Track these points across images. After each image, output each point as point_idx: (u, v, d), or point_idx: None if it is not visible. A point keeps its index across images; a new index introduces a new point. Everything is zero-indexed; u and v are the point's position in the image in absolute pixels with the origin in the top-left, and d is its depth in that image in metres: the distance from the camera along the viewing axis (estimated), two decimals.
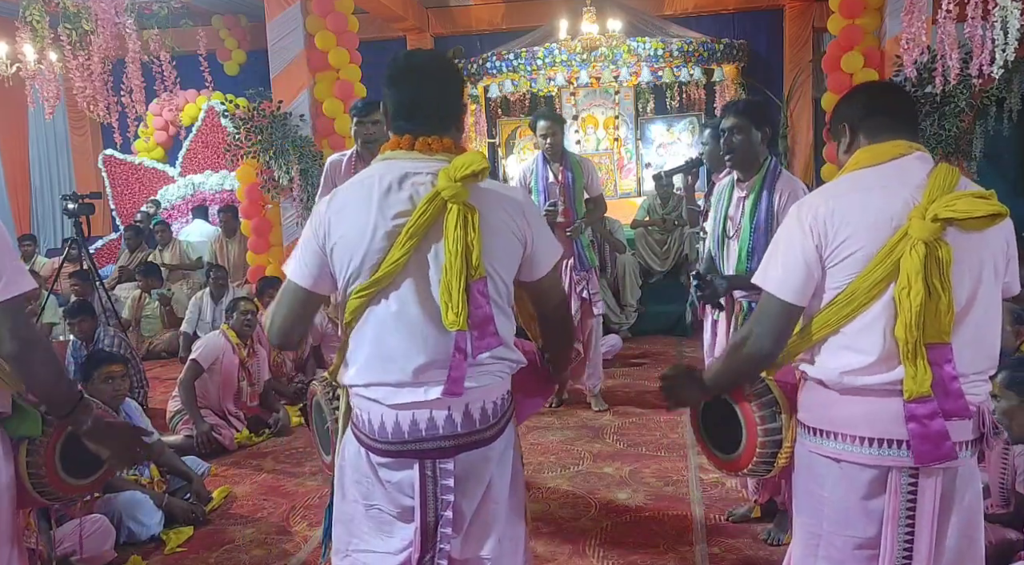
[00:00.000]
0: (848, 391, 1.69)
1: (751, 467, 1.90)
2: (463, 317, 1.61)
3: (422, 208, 1.62)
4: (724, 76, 8.99)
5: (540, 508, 3.57)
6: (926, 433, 1.61)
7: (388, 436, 1.71)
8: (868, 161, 1.75)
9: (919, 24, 5.98)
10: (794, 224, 1.74)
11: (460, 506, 1.75)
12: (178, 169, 10.14)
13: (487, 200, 1.69)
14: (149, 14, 7.84)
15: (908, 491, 1.66)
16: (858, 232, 1.66)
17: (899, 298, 1.60)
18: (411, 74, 1.75)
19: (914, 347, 1.59)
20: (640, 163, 9.77)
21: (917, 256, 1.58)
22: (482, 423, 1.74)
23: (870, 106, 1.80)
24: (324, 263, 1.72)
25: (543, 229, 1.81)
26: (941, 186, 1.64)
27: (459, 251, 1.60)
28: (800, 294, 1.73)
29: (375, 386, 1.71)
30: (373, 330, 1.70)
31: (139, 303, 7.30)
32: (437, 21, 9.91)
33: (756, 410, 1.85)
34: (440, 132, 1.74)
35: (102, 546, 3.20)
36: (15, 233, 10.32)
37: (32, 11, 6.58)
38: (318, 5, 7.31)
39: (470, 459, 1.74)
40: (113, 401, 3.67)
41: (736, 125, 2.96)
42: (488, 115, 9.88)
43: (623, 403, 5.09)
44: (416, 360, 1.67)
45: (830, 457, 1.73)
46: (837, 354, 1.71)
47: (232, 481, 4.13)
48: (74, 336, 5.25)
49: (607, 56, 8.21)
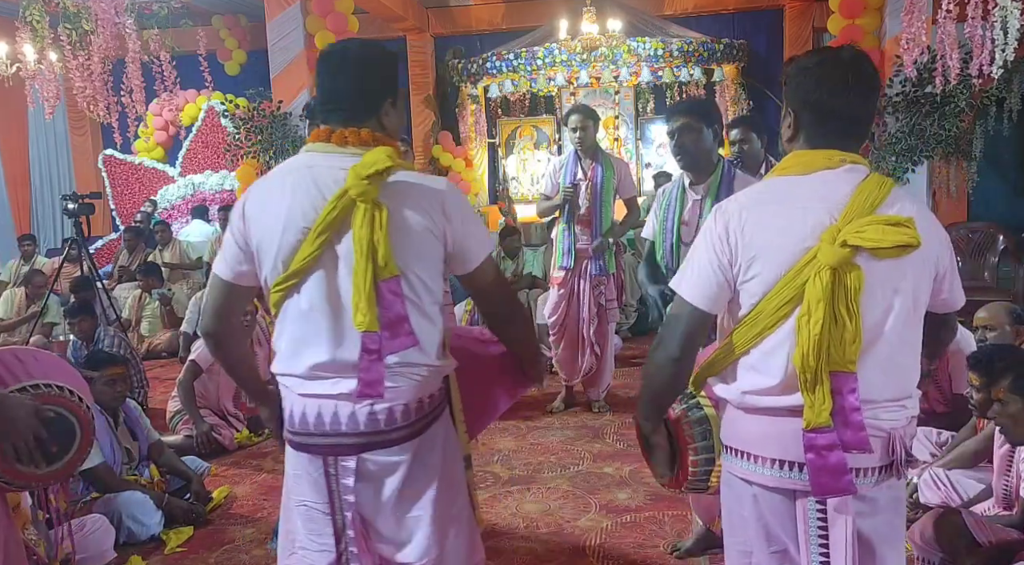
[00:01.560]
0: (751, 410, 1.63)
1: (687, 486, 1.87)
2: (371, 317, 1.59)
3: (331, 205, 1.61)
4: (724, 76, 9.00)
5: (540, 508, 3.57)
6: (824, 465, 1.52)
7: (296, 426, 1.72)
8: (795, 170, 1.63)
9: (919, 24, 5.98)
10: (711, 231, 1.64)
11: (363, 507, 1.72)
12: (178, 169, 10.15)
13: (402, 196, 1.65)
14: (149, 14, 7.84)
15: (818, 518, 1.58)
16: (767, 251, 1.56)
17: (799, 325, 1.52)
18: (331, 62, 1.73)
19: (813, 376, 1.51)
20: (640, 163, 9.77)
21: (820, 283, 1.49)
22: (388, 424, 1.68)
23: (819, 103, 1.61)
24: (242, 256, 1.73)
25: (467, 221, 1.73)
26: (862, 206, 1.53)
27: (365, 250, 1.59)
28: (712, 302, 1.64)
29: (288, 376, 1.73)
30: (288, 323, 1.71)
31: (139, 303, 7.30)
32: (437, 21, 9.91)
33: (687, 428, 1.82)
34: (357, 123, 1.70)
35: (102, 546, 3.19)
36: (15, 233, 10.33)
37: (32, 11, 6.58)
38: (318, 5, 7.31)
39: (374, 460, 1.70)
40: (113, 403, 3.67)
41: (686, 125, 2.88)
42: (488, 115, 9.88)
43: (623, 403, 5.09)
44: (323, 356, 1.66)
45: (743, 478, 1.67)
46: (743, 374, 1.64)
47: (232, 481, 4.13)
48: (74, 336, 5.25)
49: (607, 56, 8.22)
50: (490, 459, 4.19)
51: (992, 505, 2.88)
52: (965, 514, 2.66)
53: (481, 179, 9.83)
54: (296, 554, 1.80)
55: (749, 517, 1.68)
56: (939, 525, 2.64)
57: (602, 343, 4.77)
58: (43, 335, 6.76)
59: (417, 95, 9.99)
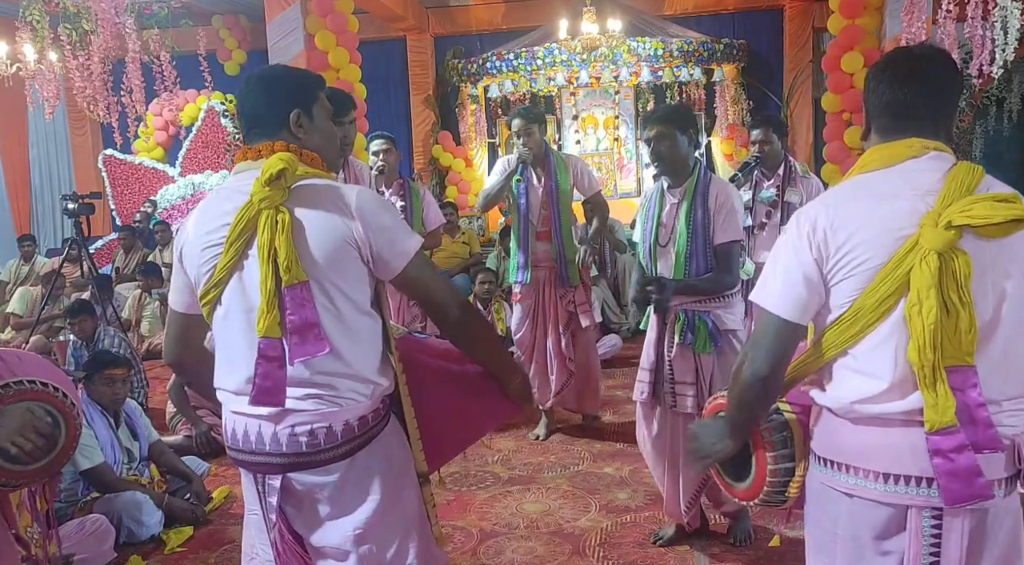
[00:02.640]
0: (860, 420, 1.51)
1: (763, 497, 1.74)
2: (270, 322, 1.58)
3: (240, 214, 1.62)
4: (724, 76, 9.00)
5: (540, 508, 3.57)
6: (954, 469, 1.41)
7: (228, 441, 1.74)
8: (876, 164, 1.57)
9: (919, 24, 5.98)
10: (793, 235, 1.57)
11: (297, 525, 1.72)
12: (178, 169, 10.14)
13: (310, 200, 1.64)
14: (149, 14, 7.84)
15: (931, 534, 1.47)
16: (862, 244, 1.48)
17: (910, 316, 1.43)
18: (243, 86, 1.78)
19: (931, 371, 1.41)
20: (640, 163, 9.77)
21: (928, 268, 1.40)
22: (310, 447, 1.64)
23: (887, 100, 1.58)
24: (187, 282, 1.76)
25: (382, 220, 1.68)
26: (958, 189, 1.46)
27: (266, 256, 1.58)
28: (801, 312, 1.55)
29: (221, 391, 1.74)
30: (217, 337, 1.72)
31: (139, 303, 7.30)
32: (437, 21, 9.91)
33: (766, 435, 1.69)
34: (269, 137, 1.72)
35: (102, 546, 3.20)
36: (15, 233, 10.33)
37: (32, 11, 6.59)
38: (318, 5, 7.31)
39: (301, 480, 1.68)
40: (113, 404, 3.67)
41: (660, 133, 2.92)
42: (488, 115, 9.88)
43: (623, 403, 5.09)
44: (242, 369, 1.66)
45: (841, 491, 1.55)
46: (846, 378, 1.53)
47: (232, 481, 4.13)
48: (74, 336, 5.25)
49: (607, 56, 8.22)
50: (490, 459, 4.19)
51: None
52: None
53: (481, 179, 9.82)
54: (253, 561, 1.83)
55: (842, 534, 1.57)
56: None
57: (579, 352, 4.37)
58: (44, 336, 6.77)
59: (417, 95, 9.99)
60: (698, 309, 2.91)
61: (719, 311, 2.92)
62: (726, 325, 2.93)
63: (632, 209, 8.13)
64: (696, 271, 2.91)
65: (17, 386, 1.92)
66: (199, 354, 1.88)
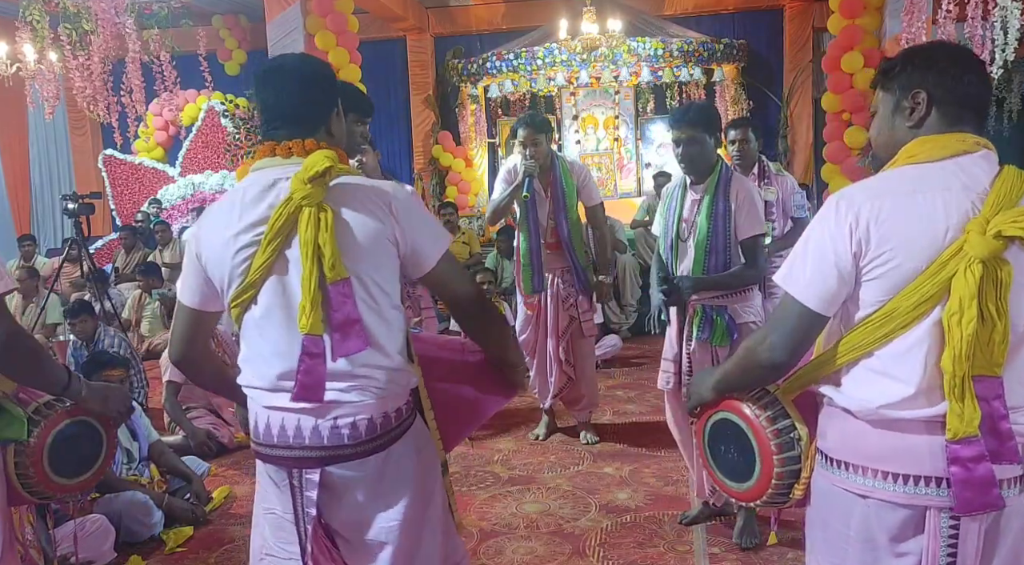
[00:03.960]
0: (881, 423, 1.49)
1: (766, 498, 1.71)
2: (315, 320, 1.58)
3: (277, 212, 1.61)
4: (724, 76, 9.00)
5: (540, 508, 3.57)
6: (970, 478, 1.40)
7: (260, 438, 1.72)
8: (928, 155, 1.49)
9: (919, 24, 5.98)
10: (831, 221, 1.48)
11: (331, 519, 1.71)
12: (178, 169, 10.15)
13: (350, 199, 1.65)
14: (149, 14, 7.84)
15: (949, 535, 1.46)
16: (906, 242, 1.42)
17: (948, 325, 1.39)
18: (271, 79, 1.73)
19: (962, 381, 1.39)
20: (640, 163, 9.77)
21: (973, 277, 1.36)
22: (351, 439, 1.65)
23: (956, 89, 1.51)
24: (205, 279, 1.74)
25: (418, 220, 1.71)
26: (1008, 195, 1.41)
27: (311, 254, 1.58)
28: (828, 303, 1.50)
29: (252, 388, 1.73)
30: (249, 335, 1.71)
31: (139, 303, 7.30)
32: (437, 21, 9.91)
33: (772, 437, 1.65)
34: (303, 135, 1.70)
35: (102, 546, 3.20)
36: (15, 233, 10.33)
37: (32, 11, 6.59)
38: (318, 5, 7.31)
39: (339, 474, 1.68)
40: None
41: (692, 137, 2.97)
42: (488, 115, 9.89)
43: (623, 403, 5.09)
44: (279, 365, 1.66)
45: (856, 493, 1.53)
46: (870, 381, 1.49)
47: (232, 481, 4.13)
48: (74, 336, 5.25)
49: (607, 56, 8.22)
50: (490, 459, 4.19)
51: None
52: None
53: (481, 179, 9.83)
54: (264, 561, 1.80)
55: (855, 536, 1.55)
56: None
57: (577, 360, 4.33)
58: (44, 336, 6.77)
59: (417, 95, 9.99)
60: (715, 304, 3.00)
61: (736, 306, 3.01)
62: (743, 318, 3.00)
63: (632, 209, 8.14)
64: (714, 266, 3.00)
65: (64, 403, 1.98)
66: (205, 351, 1.88)
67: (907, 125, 1.55)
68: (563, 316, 4.27)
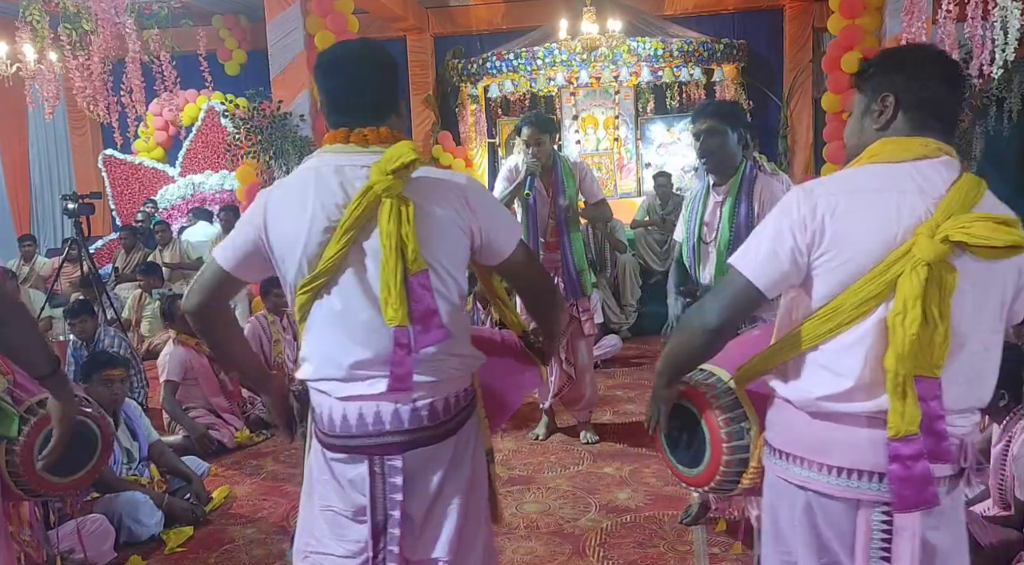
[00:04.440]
0: (821, 415, 1.53)
1: (713, 485, 1.78)
2: (402, 312, 1.59)
3: (356, 202, 1.61)
4: (724, 76, 9.00)
5: (540, 508, 3.57)
6: (909, 476, 1.44)
7: (337, 430, 1.71)
8: (889, 156, 1.53)
9: (919, 24, 5.98)
10: (792, 210, 1.53)
11: (409, 505, 1.72)
12: (178, 169, 10.15)
13: (427, 190, 1.65)
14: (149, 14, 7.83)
15: (882, 530, 1.50)
16: (857, 240, 1.47)
17: (892, 324, 1.43)
18: (341, 65, 1.72)
19: (904, 380, 1.42)
20: (640, 163, 9.77)
21: (918, 279, 1.40)
22: (431, 420, 1.69)
23: (928, 95, 1.54)
24: (253, 252, 1.72)
25: (493, 211, 1.75)
26: (961, 201, 1.45)
27: (393, 245, 1.58)
28: (772, 283, 1.55)
29: (324, 380, 1.71)
30: (318, 325, 1.70)
31: (139, 303, 7.30)
32: (437, 21, 9.91)
33: (723, 425, 1.72)
34: (375, 122, 1.70)
35: (102, 546, 3.20)
36: (15, 233, 10.33)
37: (32, 11, 6.58)
38: (318, 5, 7.31)
39: (419, 456, 1.70)
40: (111, 404, 3.67)
41: (712, 128, 2.89)
42: (488, 115, 9.88)
43: (623, 403, 5.10)
44: (356, 355, 1.66)
45: (796, 484, 1.58)
46: (812, 373, 1.54)
47: (232, 481, 4.13)
48: (74, 336, 5.25)
49: (607, 56, 8.22)
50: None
51: (990, 505, 2.88)
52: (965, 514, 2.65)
53: (481, 179, 9.82)
54: (310, 558, 1.80)
55: (800, 526, 1.60)
56: None
57: (576, 359, 4.33)
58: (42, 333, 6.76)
59: (417, 95, 9.99)
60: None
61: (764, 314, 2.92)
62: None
63: (632, 209, 8.14)
64: None
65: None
66: (222, 308, 1.84)
67: (874, 128, 1.60)
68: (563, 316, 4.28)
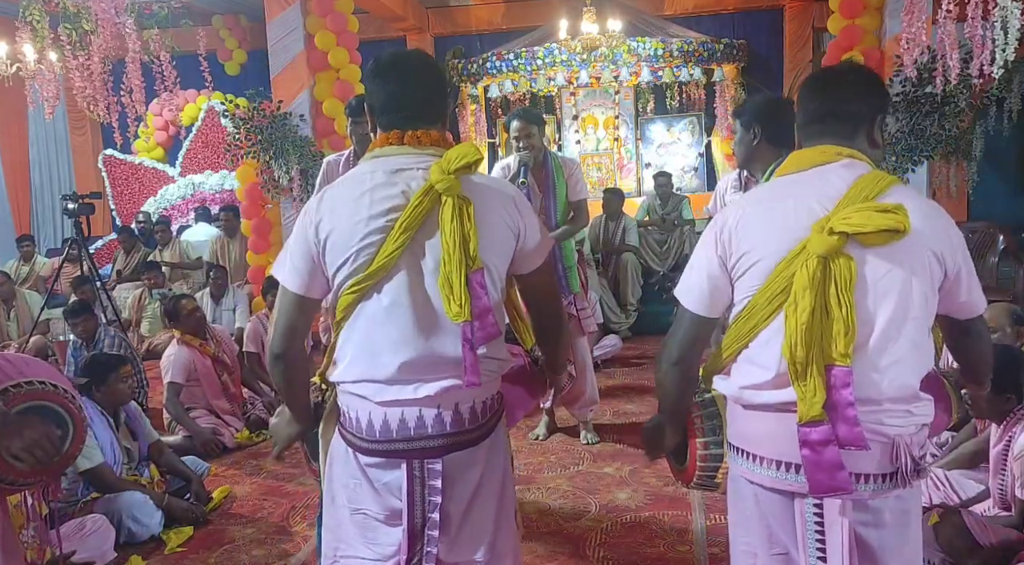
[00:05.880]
0: (750, 407, 1.63)
1: (695, 481, 1.87)
2: (467, 308, 1.61)
3: (416, 201, 1.62)
4: (724, 76, 9.00)
5: (540, 508, 3.57)
6: (819, 461, 1.50)
7: (376, 435, 1.70)
8: (792, 168, 1.67)
9: (919, 24, 5.97)
10: (707, 234, 1.69)
11: (447, 508, 1.73)
12: (178, 169, 10.15)
13: (480, 193, 1.69)
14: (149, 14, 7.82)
15: (815, 522, 1.56)
16: (760, 244, 1.59)
17: (786, 314, 1.52)
18: (398, 69, 1.76)
19: (803, 367, 1.49)
20: (640, 163, 9.77)
21: (807, 272, 1.49)
22: (471, 423, 1.72)
23: (807, 109, 1.70)
24: (316, 265, 1.71)
25: (534, 221, 1.79)
26: (856, 196, 1.53)
27: (457, 243, 1.60)
28: (708, 306, 1.67)
29: (364, 382, 1.70)
30: (364, 325, 1.69)
31: (139, 303, 7.30)
32: (437, 21, 9.91)
33: (697, 423, 1.81)
34: (428, 125, 1.74)
35: (102, 546, 3.20)
36: (15, 233, 10.33)
37: (32, 11, 6.58)
38: (318, 5, 7.31)
39: (458, 460, 1.73)
40: (126, 399, 3.72)
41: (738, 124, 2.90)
42: (488, 115, 9.88)
43: (623, 403, 5.09)
44: (405, 355, 1.66)
45: (744, 477, 1.67)
46: (741, 368, 1.65)
47: (232, 481, 4.13)
48: (75, 336, 5.25)
49: (607, 56, 8.22)
50: None
51: (990, 505, 2.88)
52: (965, 514, 2.66)
53: None
54: (339, 562, 1.80)
55: (752, 517, 1.68)
56: (939, 525, 2.64)
57: (576, 357, 4.31)
58: (43, 335, 6.77)
59: None
60: None
61: None
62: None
63: (632, 209, 8.13)
64: None
65: (28, 386, 1.91)
66: (302, 347, 1.81)
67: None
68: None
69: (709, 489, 1.88)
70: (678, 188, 8.45)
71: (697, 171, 9.70)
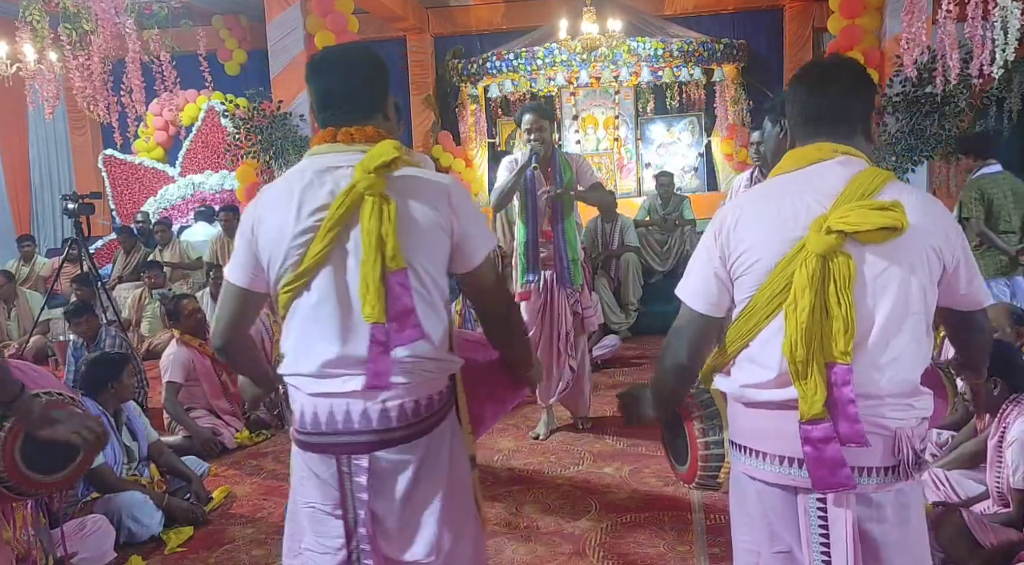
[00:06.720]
0: (752, 405, 1.63)
1: (697, 481, 1.87)
2: (379, 309, 1.60)
3: (339, 201, 1.63)
4: (724, 76, 9.01)
5: (540, 508, 3.57)
6: (820, 458, 1.51)
7: (307, 427, 1.72)
8: (788, 166, 1.66)
9: (919, 24, 5.98)
10: (707, 233, 1.69)
11: (375, 506, 1.72)
12: (178, 169, 10.15)
13: (410, 190, 1.67)
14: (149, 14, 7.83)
15: (819, 517, 1.57)
16: (759, 243, 1.58)
17: (786, 313, 1.52)
18: (326, 66, 1.76)
19: (803, 366, 1.50)
20: (640, 163, 9.77)
21: (807, 271, 1.50)
22: (399, 421, 1.69)
23: (800, 106, 1.69)
24: (256, 261, 1.74)
25: (472, 217, 1.75)
26: (853, 194, 1.53)
27: (373, 243, 1.60)
28: (712, 305, 1.67)
29: (298, 376, 1.73)
30: (298, 322, 1.71)
31: (139, 303, 7.30)
32: (437, 21, 9.91)
33: (697, 423, 1.82)
34: (362, 121, 1.72)
35: (102, 546, 3.20)
36: (15, 233, 10.33)
37: (32, 11, 6.58)
38: (318, 5, 7.32)
39: (387, 458, 1.70)
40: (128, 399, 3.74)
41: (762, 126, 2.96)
42: (488, 115, 9.89)
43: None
44: (331, 351, 1.67)
45: (747, 474, 1.67)
46: (743, 367, 1.65)
47: (232, 481, 4.13)
48: (76, 336, 5.25)
49: (607, 56, 8.22)
50: (490, 459, 4.19)
51: (990, 504, 2.88)
52: (965, 514, 2.66)
53: (481, 179, 9.83)
54: (302, 555, 1.80)
55: (754, 515, 1.68)
56: (940, 525, 2.64)
57: (578, 354, 4.38)
58: (42, 335, 6.77)
59: (417, 95, 9.99)
60: None
61: None
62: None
63: (632, 209, 8.13)
64: None
65: (47, 396, 1.94)
66: (246, 337, 1.88)
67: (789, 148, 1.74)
68: (569, 313, 4.31)
69: (711, 489, 1.89)
70: (678, 188, 8.45)
71: (697, 171, 9.71)
